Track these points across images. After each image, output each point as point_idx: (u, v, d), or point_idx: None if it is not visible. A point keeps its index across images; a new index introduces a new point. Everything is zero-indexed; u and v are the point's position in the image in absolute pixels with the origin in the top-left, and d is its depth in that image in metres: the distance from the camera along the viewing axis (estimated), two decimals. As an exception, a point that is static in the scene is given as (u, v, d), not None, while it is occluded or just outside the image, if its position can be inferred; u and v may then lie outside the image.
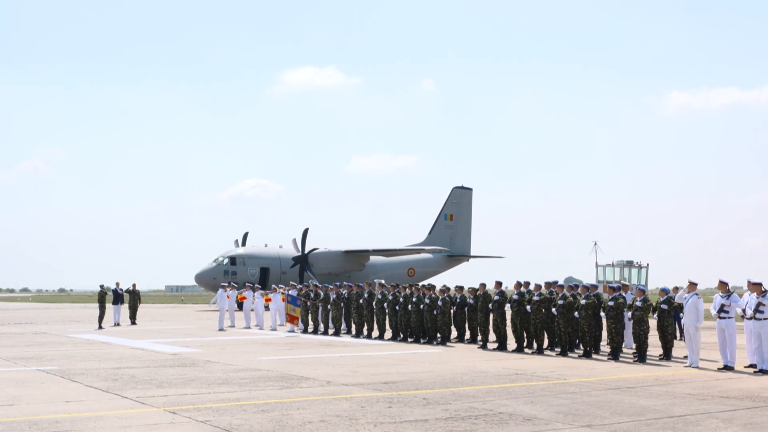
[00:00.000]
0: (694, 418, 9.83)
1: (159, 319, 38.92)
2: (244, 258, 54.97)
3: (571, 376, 14.29)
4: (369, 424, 9.38)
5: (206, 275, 53.55)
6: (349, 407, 10.61)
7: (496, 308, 19.82)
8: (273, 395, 11.76)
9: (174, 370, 15.39)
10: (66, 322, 35.74)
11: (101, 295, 32.14)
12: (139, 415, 10.07)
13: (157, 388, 12.58)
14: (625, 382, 13.44)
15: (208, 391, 12.20)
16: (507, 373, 14.78)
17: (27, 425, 9.32)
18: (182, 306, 64.10)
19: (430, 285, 23.61)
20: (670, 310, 17.28)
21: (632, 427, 9.26)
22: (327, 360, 17.41)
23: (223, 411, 10.38)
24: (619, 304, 17.38)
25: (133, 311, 33.98)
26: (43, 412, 10.28)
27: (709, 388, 12.61)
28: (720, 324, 15.57)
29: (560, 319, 18.25)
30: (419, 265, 65.01)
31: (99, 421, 9.63)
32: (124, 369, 15.56)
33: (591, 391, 12.20)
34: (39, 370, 15.50)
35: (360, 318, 24.71)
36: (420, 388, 12.48)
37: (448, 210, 67.82)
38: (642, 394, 11.90)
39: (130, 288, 34.54)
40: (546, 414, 10.11)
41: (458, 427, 9.22)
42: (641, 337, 16.87)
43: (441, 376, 14.27)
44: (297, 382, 13.42)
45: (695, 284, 16.45)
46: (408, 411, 10.29)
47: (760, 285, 15.23)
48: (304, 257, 56.10)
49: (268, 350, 20.04)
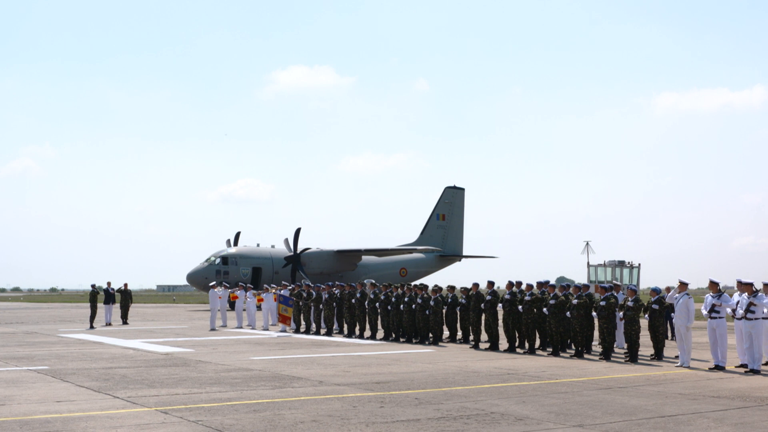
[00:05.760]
0: (685, 417, 9.87)
1: (151, 318, 38.81)
2: (236, 258, 54.88)
3: (563, 375, 14.32)
4: (361, 423, 9.38)
5: (198, 275, 53.43)
6: (341, 407, 10.61)
7: (488, 308, 19.85)
8: (265, 395, 11.75)
9: (166, 369, 15.36)
10: (57, 321, 35.60)
11: (93, 295, 32.04)
12: (131, 415, 10.04)
13: (148, 388, 12.55)
14: (617, 382, 13.48)
15: (199, 391, 12.17)
16: (499, 372, 14.80)
17: (18, 425, 9.28)
18: (174, 306, 63.94)
19: (422, 285, 23.61)
20: (661, 310, 17.34)
21: (624, 426, 9.28)
22: (319, 360, 17.40)
23: (215, 411, 10.36)
24: (611, 304, 17.43)
25: (125, 311, 33.86)
26: (34, 412, 10.25)
27: (701, 388, 12.66)
28: (711, 324, 15.63)
29: (551, 319, 18.28)
30: (411, 265, 65.04)
31: (90, 421, 9.60)
32: (115, 369, 15.52)
33: (583, 391, 12.24)
34: (30, 369, 15.44)
35: (352, 318, 24.69)
36: (412, 388, 12.49)
37: (441, 210, 67.84)
38: (633, 394, 11.94)
39: (122, 288, 34.41)
40: (538, 414, 10.13)
41: (450, 426, 9.23)
42: (633, 337, 16.92)
43: (433, 376, 14.28)
44: (289, 382, 13.41)
45: (686, 284, 16.50)
46: (400, 411, 10.30)
47: (751, 285, 15.31)
48: (297, 257, 56.04)
49: (259, 350, 20.01)
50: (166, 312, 48.38)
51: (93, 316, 31.03)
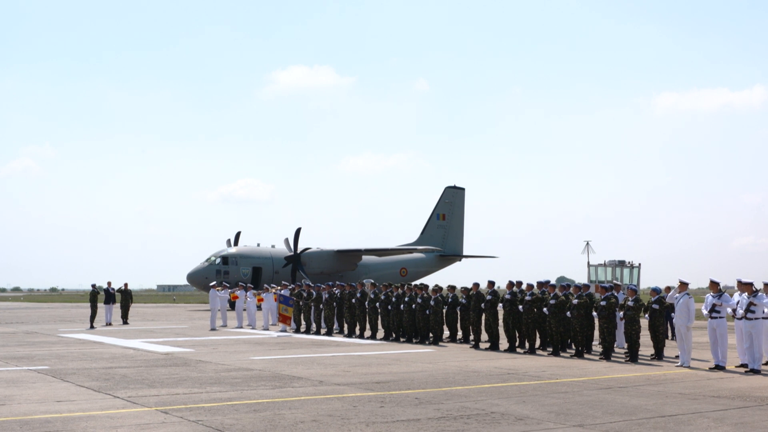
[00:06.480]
0: (685, 417, 9.87)
1: (151, 318, 38.81)
2: (236, 257, 54.90)
3: (563, 375, 14.32)
4: (361, 423, 9.38)
5: (198, 275, 53.43)
6: (341, 407, 10.61)
7: (488, 308, 19.84)
8: (265, 395, 11.75)
9: (166, 369, 15.36)
10: (57, 321, 35.61)
11: (93, 295, 32.06)
12: (131, 414, 10.04)
13: (148, 388, 12.55)
14: (617, 382, 13.47)
15: (200, 391, 12.17)
16: (499, 372, 14.80)
17: (18, 425, 9.28)
18: (174, 306, 63.94)
19: (422, 285, 23.61)
20: (661, 309, 17.34)
21: (624, 426, 9.28)
22: (319, 360, 17.39)
23: (215, 411, 10.36)
24: (611, 303, 17.43)
25: (125, 311, 33.87)
26: (34, 412, 10.25)
27: (701, 388, 12.66)
28: (711, 324, 15.62)
29: (552, 319, 18.28)
30: (411, 265, 65.04)
31: (90, 420, 9.60)
32: (115, 369, 15.52)
33: (583, 391, 12.23)
34: (30, 369, 15.44)
35: (352, 318, 24.69)
36: (412, 388, 12.49)
37: (441, 210, 67.83)
38: (634, 394, 11.94)
39: (122, 287, 34.43)
40: (538, 414, 10.12)
41: (450, 426, 9.23)
42: (633, 337, 16.92)
43: (433, 375, 14.28)
44: (289, 381, 13.40)
45: (686, 284, 16.50)
46: (400, 411, 10.30)
47: (751, 285, 15.32)
48: (297, 257, 56.04)
49: (260, 350, 20.01)
50: (167, 312, 48.38)
51: (93, 316, 31.04)
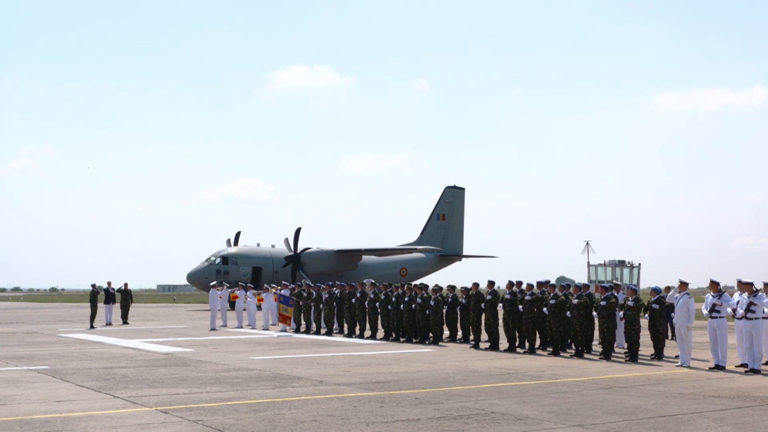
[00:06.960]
0: (685, 417, 9.87)
1: (151, 318, 38.81)
2: (236, 257, 54.90)
3: (563, 375, 14.32)
4: (361, 423, 9.38)
5: (198, 275, 53.43)
6: (341, 407, 10.61)
7: (488, 308, 19.84)
8: (265, 395, 11.75)
9: (166, 369, 15.36)
10: (57, 321, 35.61)
11: (93, 295, 32.07)
12: (131, 414, 10.04)
13: (148, 388, 12.55)
14: (617, 382, 13.47)
15: (200, 391, 12.17)
16: (499, 372, 14.80)
17: (18, 425, 9.28)
18: (174, 305, 63.94)
19: (422, 284, 23.61)
20: (661, 309, 17.34)
21: (624, 426, 9.28)
22: (319, 360, 17.39)
23: (215, 411, 10.37)
24: (611, 303, 17.43)
25: (125, 311, 33.88)
26: (34, 412, 10.25)
27: (701, 388, 12.66)
28: (711, 323, 15.62)
29: (552, 319, 18.28)
30: (411, 265, 65.04)
31: (90, 420, 9.61)
32: (115, 369, 15.52)
33: (583, 391, 12.23)
34: (30, 369, 15.44)
35: (352, 318, 24.69)
36: (412, 388, 12.49)
37: (441, 210, 67.83)
38: (633, 394, 11.94)
39: (122, 287, 34.44)
40: (538, 413, 10.12)
41: (450, 426, 9.23)
42: (633, 337, 16.92)
43: (433, 375, 14.28)
44: (289, 381, 13.40)
45: (686, 284, 16.50)
46: (400, 410, 10.30)
47: (751, 285, 15.32)
48: (297, 257, 56.04)
49: (260, 350, 20.01)
50: (167, 312, 48.38)
51: (93, 316, 31.04)
